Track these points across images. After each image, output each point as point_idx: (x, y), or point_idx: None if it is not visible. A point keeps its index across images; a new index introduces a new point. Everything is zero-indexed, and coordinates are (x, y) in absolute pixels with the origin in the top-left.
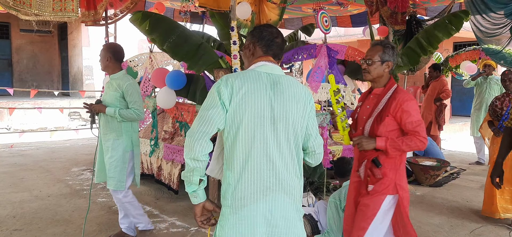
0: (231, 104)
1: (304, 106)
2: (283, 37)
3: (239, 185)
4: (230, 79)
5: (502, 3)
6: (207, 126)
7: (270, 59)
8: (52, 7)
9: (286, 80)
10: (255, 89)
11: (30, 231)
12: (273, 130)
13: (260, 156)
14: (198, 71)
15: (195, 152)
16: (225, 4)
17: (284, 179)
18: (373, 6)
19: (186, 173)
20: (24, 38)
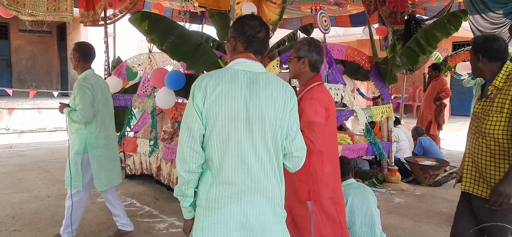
0: (205, 106)
1: (284, 105)
2: (268, 30)
3: (213, 186)
4: (205, 79)
5: (501, 3)
6: (190, 137)
7: (250, 56)
8: (46, 7)
9: (264, 78)
10: (230, 89)
11: (30, 231)
12: (248, 131)
13: (234, 158)
14: (197, 71)
15: (189, 164)
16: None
17: (261, 182)
18: (371, 5)
19: (180, 186)
20: (23, 39)
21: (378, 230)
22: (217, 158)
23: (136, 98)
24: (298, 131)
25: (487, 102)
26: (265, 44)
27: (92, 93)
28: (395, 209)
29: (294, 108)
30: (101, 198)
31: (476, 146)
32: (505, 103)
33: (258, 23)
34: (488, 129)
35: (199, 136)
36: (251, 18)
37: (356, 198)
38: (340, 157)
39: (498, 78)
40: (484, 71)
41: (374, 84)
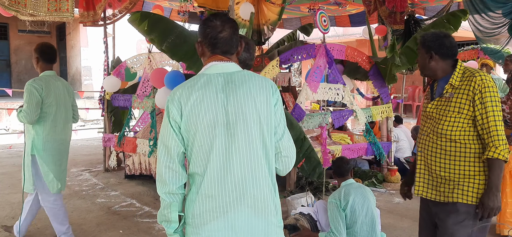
0: (183, 119)
1: (266, 101)
2: (234, 26)
3: (198, 201)
4: (177, 91)
5: (501, 3)
6: (167, 155)
7: (220, 58)
8: (47, 7)
9: (240, 76)
10: (204, 95)
11: (29, 232)
12: (230, 136)
13: (217, 169)
14: (197, 71)
15: (168, 186)
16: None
17: (247, 192)
18: (371, 5)
19: (163, 211)
20: (22, 39)
21: (378, 230)
22: (201, 171)
23: (135, 98)
24: (285, 128)
25: (442, 101)
26: (231, 43)
27: (40, 94)
28: (394, 209)
29: (278, 102)
30: (101, 198)
31: (430, 148)
32: (464, 104)
33: (220, 22)
34: (445, 129)
35: (178, 155)
36: (213, 18)
37: (357, 198)
38: (340, 157)
39: (454, 77)
40: (436, 69)
41: (374, 84)
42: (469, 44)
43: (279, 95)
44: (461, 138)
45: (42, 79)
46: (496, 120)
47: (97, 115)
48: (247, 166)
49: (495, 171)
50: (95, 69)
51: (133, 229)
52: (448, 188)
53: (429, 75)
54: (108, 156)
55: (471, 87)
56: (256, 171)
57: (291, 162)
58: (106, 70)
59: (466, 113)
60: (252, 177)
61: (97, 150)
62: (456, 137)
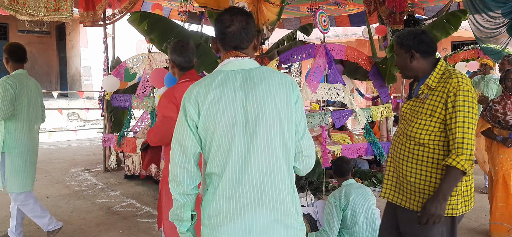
0: (201, 118)
1: (286, 97)
2: (245, 19)
3: (214, 202)
4: (194, 89)
5: (500, 2)
6: (182, 155)
7: (237, 54)
8: (46, 7)
9: (258, 73)
10: (222, 93)
11: (29, 232)
12: (249, 136)
13: (235, 170)
14: (196, 71)
15: (183, 186)
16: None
17: (265, 193)
18: (371, 5)
19: (176, 210)
20: (22, 39)
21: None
22: (219, 172)
23: (135, 98)
24: (306, 126)
25: (416, 102)
26: (240, 37)
27: (14, 91)
28: None
29: (299, 100)
30: (101, 198)
31: (399, 150)
32: (437, 106)
33: (229, 16)
34: (414, 132)
35: (194, 155)
36: (224, 13)
37: (357, 198)
38: (340, 157)
39: (431, 77)
40: (418, 70)
41: (374, 84)
42: (469, 44)
43: (299, 92)
44: (430, 142)
45: (16, 77)
46: (465, 127)
47: (97, 115)
48: (266, 167)
49: (448, 179)
50: (95, 69)
51: (133, 229)
52: (414, 195)
53: (411, 76)
54: (108, 156)
55: (446, 89)
56: (275, 172)
57: (312, 161)
58: (106, 70)
59: (438, 116)
60: (271, 178)
61: (97, 150)
62: (425, 141)
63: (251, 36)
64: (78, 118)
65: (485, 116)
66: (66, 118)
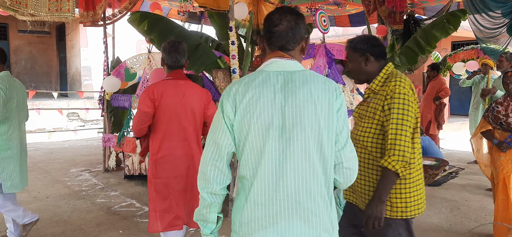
0: (236, 117)
1: (328, 105)
2: (294, 19)
3: (246, 208)
4: (233, 87)
5: (500, 2)
6: (216, 153)
7: (281, 54)
8: (48, 7)
9: (301, 76)
10: (261, 94)
11: (29, 232)
12: (285, 141)
13: (269, 174)
14: (196, 71)
15: (211, 185)
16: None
17: (301, 202)
18: (371, 5)
19: (201, 210)
20: (22, 39)
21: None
22: (250, 176)
23: (135, 98)
24: (348, 136)
25: (363, 106)
26: (287, 38)
27: (6, 94)
28: None
29: (342, 108)
30: (101, 198)
31: None
32: (377, 109)
33: (278, 15)
34: (358, 135)
35: (227, 154)
36: (274, 11)
37: None
38: None
39: (375, 81)
40: (370, 73)
41: None
42: (469, 44)
43: (343, 100)
44: (373, 145)
45: (4, 79)
46: (398, 128)
47: (97, 115)
48: (302, 175)
49: (382, 181)
50: (95, 69)
51: (133, 229)
52: (363, 196)
53: (364, 80)
54: (108, 156)
55: (385, 92)
56: (311, 181)
57: (353, 174)
58: (106, 70)
59: (378, 119)
60: (307, 188)
61: (97, 150)
62: (368, 144)
63: (299, 37)
64: (78, 118)
65: (487, 117)
66: (66, 118)
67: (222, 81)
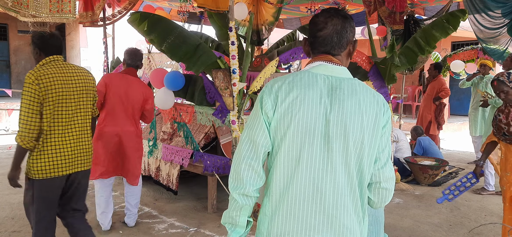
0: (275, 115)
1: (375, 120)
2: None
3: (276, 218)
4: (276, 83)
5: (500, 2)
6: (251, 151)
7: (330, 58)
8: (49, 8)
9: (349, 85)
10: (306, 95)
11: (29, 232)
12: (326, 150)
13: (304, 183)
14: (196, 71)
15: (245, 186)
16: (224, 4)
17: (336, 218)
18: (371, 6)
19: (230, 212)
20: (22, 40)
21: (382, 230)
22: (282, 180)
23: None
24: (389, 155)
25: None
26: (331, 42)
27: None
28: (394, 209)
29: (388, 125)
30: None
31: None
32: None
33: (323, 18)
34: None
35: (264, 153)
36: (319, 14)
37: None
38: None
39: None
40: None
41: (373, 84)
42: (469, 44)
43: (390, 117)
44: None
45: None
46: (21, 110)
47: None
48: (341, 190)
49: (15, 151)
50: (95, 69)
51: (133, 229)
52: None
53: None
54: None
55: None
56: (348, 197)
57: (390, 195)
58: (105, 70)
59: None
60: (344, 203)
61: None
62: None
63: (345, 42)
64: None
65: (493, 126)
66: None
67: (222, 81)
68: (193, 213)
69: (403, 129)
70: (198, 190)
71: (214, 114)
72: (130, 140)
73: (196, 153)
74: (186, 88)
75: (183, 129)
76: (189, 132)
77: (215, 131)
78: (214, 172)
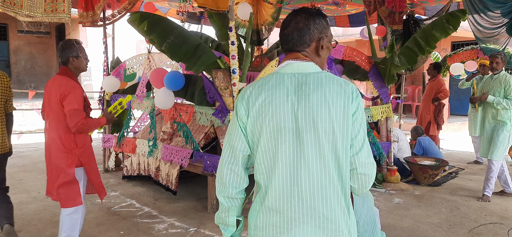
0: (249, 120)
1: (344, 109)
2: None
3: (260, 214)
4: (248, 90)
5: (500, 2)
6: (231, 156)
7: (296, 56)
8: (44, 8)
9: (315, 78)
10: (274, 96)
11: (29, 232)
12: (298, 144)
13: (282, 178)
14: (196, 71)
15: (227, 189)
16: (224, 4)
17: (315, 208)
18: (371, 5)
19: (220, 214)
20: (21, 40)
21: (378, 229)
22: (264, 180)
23: (135, 99)
24: (365, 141)
25: None
26: (293, 40)
27: None
28: (394, 209)
29: (358, 111)
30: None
31: None
32: None
33: (289, 17)
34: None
35: (243, 157)
36: (288, 15)
37: (356, 198)
38: None
39: None
40: None
41: (373, 84)
42: (469, 44)
43: (360, 103)
44: None
45: None
46: None
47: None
48: (317, 181)
49: None
50: (95, 69)
51: (133, 229)
52: None
53: None
54: (108, 157)
55: None
56: (327, 187)
57: (369, 180)
58: (105, 70)
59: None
60: (322, 194)
61: (97, 150)
62: None
63: (308, 39)
64: None
65: None
66: None
67: (222, 81)
68: (193, 213)
69: (403, 129)
70: (198, 190)
71: (214, 114)
72: (49, 152)
73: (196, 153)
74: (186, 88)
75: (183, 129)
76: (189, 132)
77: (215, 131)
78: (213, 172)
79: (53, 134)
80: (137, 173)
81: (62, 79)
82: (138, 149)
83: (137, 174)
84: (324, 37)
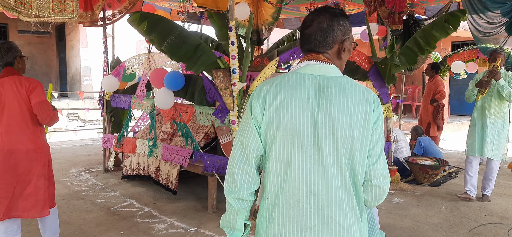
0: (264, 119)
1: (365, 117)
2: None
3: (272, 220)
4: (264, 87)
5: (499, 2)
6: (243, 155)
7: (318, 57)
8: (52, 8)
9: (337, 83)
10: (293, 97)
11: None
12: (316, 150)
13: (297, 185)
14: (196, 71)
15: (239, 190)
16: (224, 4)
17: (331, 218)
18: (371, 5)
19: (228, 216)
20: (22, 40)
21: (377, 229)
22: (276, 183)
23: (135, 98)
24: (382, 152)
25: None
26: (316, 41)
27: None
28: (394, 209)
29: (379, 121)
30: (101, 199)
31: None
32: None
33: (310, 17)
34: None
35: (256, 157)
36: (311, 12)
37: None
38: None
39: None
40: None
41: (373, 84)
42: (468, 44)
43: (381, 112)
44: None
45: None
46: None
47: (96, 115)
48: (334, 189)
49: None
50: (95, 69)
51: (133, 229)
52: None
53: None
54: (108, 157)
55: None
56: (343, 196)
57: (383, 193)
58: (105, 70)
59: None
60: (339, 202)
61: (97, 150)
62: None
63: (331, 40)
64: (78, 119)
65: None
66: (66, 119)
67: (222, 81)
68: (193, 213)
69: (403, 129)
70: (198, 190)
71: (214, 114)
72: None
73: (196, 153)
74: (186, 88)
75: (182, 129)
76: (189, 132)
77: (215, 131)
78: (214, 172)
79: (15, 138)
80: (136, 173)
81: (16, 77)
82: (138, 149)
83: (136, 174)
84: (347, 39)
